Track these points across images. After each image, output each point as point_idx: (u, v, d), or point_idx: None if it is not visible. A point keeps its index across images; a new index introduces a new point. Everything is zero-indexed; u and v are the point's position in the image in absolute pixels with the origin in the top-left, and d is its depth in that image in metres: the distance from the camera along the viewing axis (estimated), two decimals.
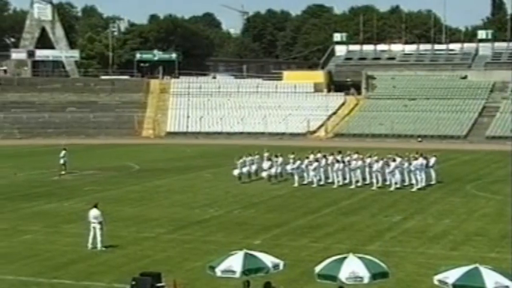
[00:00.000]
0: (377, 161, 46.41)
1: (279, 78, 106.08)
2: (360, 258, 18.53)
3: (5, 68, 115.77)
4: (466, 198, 41.68)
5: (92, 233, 28.84)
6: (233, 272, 18.79)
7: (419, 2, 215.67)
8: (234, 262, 18.95)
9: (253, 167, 49.50)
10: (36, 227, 33.63)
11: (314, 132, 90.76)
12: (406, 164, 46.04)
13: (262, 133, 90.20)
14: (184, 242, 30.25)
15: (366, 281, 17.97)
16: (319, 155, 48.43)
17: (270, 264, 19.21)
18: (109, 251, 28.47)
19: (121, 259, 27.38)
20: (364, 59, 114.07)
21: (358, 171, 46.39)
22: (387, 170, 45.51)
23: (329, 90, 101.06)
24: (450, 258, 26.30)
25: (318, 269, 18.81)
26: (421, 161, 45.97)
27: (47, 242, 30.44)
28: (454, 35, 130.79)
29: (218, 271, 19.03)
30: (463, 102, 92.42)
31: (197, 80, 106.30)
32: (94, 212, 29.15)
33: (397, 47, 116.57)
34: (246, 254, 19.13)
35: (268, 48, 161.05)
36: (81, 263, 26.90)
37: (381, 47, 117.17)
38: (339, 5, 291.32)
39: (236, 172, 48.57)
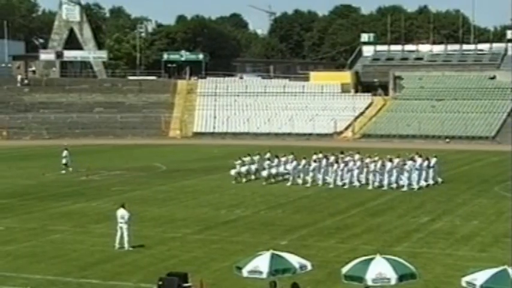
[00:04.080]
0: (374, 162, 46.57)
1: (306, 78, 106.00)
2: (387, 259, 18.42)
3: (33, 68, 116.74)
4: (494, 199, 41.33)
5: (119, 233, 28.94)
6: (260, 272, 18.76)
7: (447, 2, 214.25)
8: (261, 263, 18.91)
9: (253, 167, 49.52)
10: (64, 227, 33.81)
11: (341, 133, 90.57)
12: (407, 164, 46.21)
13: (289, 134, 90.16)
14: (211, 243, 30.26)
15: (393, 282, 17.86)
16: (320, 155, 48.73)
17: (297, 265, 19.16)
18: (136, 251, 28.54)
19: (148, 259, 27.44)
20: (391, 59, 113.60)
21: (356, 172, 46.51)
22: (387, 169, 45.82)
23: (356, 91, 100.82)
24: (478, 260, 26.09)
25: (344, 270, 18.73)
26: (419, 161, 46.18)
27: (75, 242, 30.58)
28: (482, 35, 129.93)
29: (245, 271, 19.00)
30: (491, 103, 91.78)
31: (224, 80, 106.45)
32: (121, 212, 29.24)
33: (424, 47, 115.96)
34: (273, 255, 19.09)
35: (295, 48, 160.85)
36: (109, 262, 27.00)
37: (409, 47, 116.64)
38: (366, 5, 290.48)
39: (233, 172, 48.74)
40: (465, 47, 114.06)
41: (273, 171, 48.69)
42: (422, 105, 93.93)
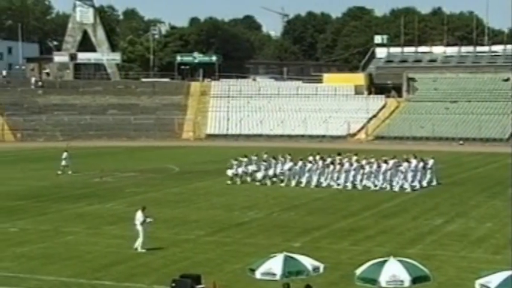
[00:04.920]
0: (370, 163, 46.67)
1: (319, 80, 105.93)
2: (400, 261, 18.40)
3: (47, 71, 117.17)
4: (508, 201, 41.14)
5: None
6: (273, 274, 18.77)
7: (461, 3, 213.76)
8: (274, 265, 18.92)
9: (250, 168, 49.56)
10: (78, 229, 33.90)
11: (354, 134, 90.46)
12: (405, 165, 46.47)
13: (302, 136, 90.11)
14: (224, 244, 30.27)
15: (406, 284, 17.83)
16: (317, 157, 48.99)
17: (310, 267, 19.15)
18: (149, 252, 28.58)
19: (161, 261, 27.48)
20: (405, 61, 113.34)
21: (352, 173, 46.62)
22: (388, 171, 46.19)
23: (369, 93, 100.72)
24: (492, 262, 25.99)
25: (358, 272, 18.71)
26: (414, 163, 46.43)
27: (89, 243, 30.65)
28: (496, 37, 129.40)
29: (258, 273, 19.01)
30: (505, 105, 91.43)
31: (237, 82, 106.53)
32: (137, 214, 29.27)
33: (438, 49, 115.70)
34: (286, 257, 19.10)
35: (308, 50, 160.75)
36: (122, 264, 27.05)
37: (422, 49, 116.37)
38: (379, 7, 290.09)
39: (230, 172, 48.84)
40: (479, 48, 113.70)
41: (270, 172, 48.89)
42: (436, 107, 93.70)
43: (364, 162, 47.29)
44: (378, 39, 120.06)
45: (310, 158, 48.86)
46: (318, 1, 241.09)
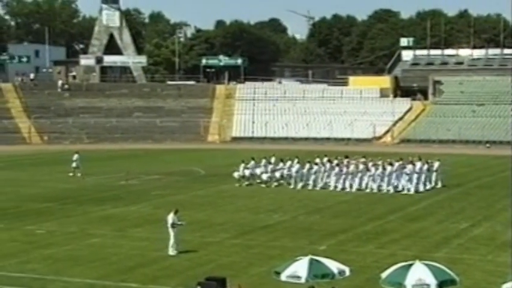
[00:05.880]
0: (375, 166, 46.62)
1: (345, 83, 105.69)
2: (426, 265, 18.31)
3: (74, 73, 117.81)
4: None
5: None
6: (298, 277, 18.76)
7: (488, 5, 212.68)
8: (300, 267, 18.91)
9: (257, 170, 49.69)
10: (104, 231, 34.04)
11: (380, 137, 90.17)
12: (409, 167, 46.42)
13: (328, 138, 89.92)
14: (249, 247, 30.27)
15: None
16: (325, 159, 49.23)
17: (335, 270, 19.12)
18: (175, 255, 28.63)
19: (186, 263, 27.52)
20: (431, 64, 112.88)
21: (358, 176, 46.76)
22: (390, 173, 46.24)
23: (395, 96, 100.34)
24: None
25: (384, 275, 18.65)
26: (419, 165, 46.62)
27: (114, 246, 30.77)
28: None
29: (283, 276, 19.01)
30: None
31: (263, 85, 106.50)
32: (168, 217, 29.29)
33: (465, 52, 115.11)
34: (311, 260, 19.08)
35: (334, 53, 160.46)
36: (147, 267, 27.12)
37: (449, 51, 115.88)
38: (405, 10, 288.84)
39: (236, 174, 48.93)
40: (506, 51, 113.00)
41: (277, 174, 49.15)
42: (463, 110, 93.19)
43: (370, 164, 47.34)
44: (403, 41, 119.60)
45: (317, 161, 49.13)
46: (343, 4, 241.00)
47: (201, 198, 44.39)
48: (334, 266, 19.33)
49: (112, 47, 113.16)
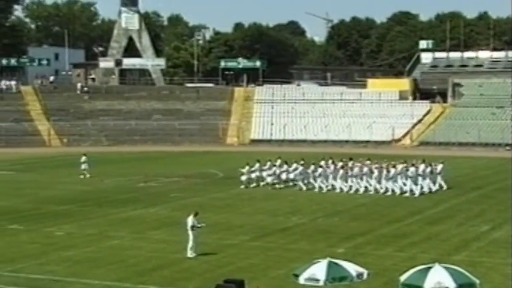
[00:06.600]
0: (377, 168, 46.67)
1: (364, 86, 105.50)
2: (445, 268, 18.24)
3: (93, 76, 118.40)
4: None
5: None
6: (317, 280, 18.73)
7: (508, 7, 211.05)
8: (318, 270, 18.89)
9: (264, 173, 49.91)
10: (123, 233, 34.15)
11: (399, 140, 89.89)
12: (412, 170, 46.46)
13: (346, 141, 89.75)
14: (268, 250, 30.26)
15: None
16: (329, 161, 49.41)
17: (353, 273, 19.08)
18: (193, 257, 28.67)
19: (205, 266, 27.56)
20: (450, 66, 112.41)
21: (364, 178, 46.78)
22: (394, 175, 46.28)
23: (414, 98, 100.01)
24: None
25: (402, 278, 18.59)
26: (422, 167, 46.57)
27: (133, 248, 30.86)
28: None
29: (302, 279, 18.99)
30: None
31: (281, 87, 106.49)
32: (188, 219, 29.30)
33: (484, 54, 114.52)
34: (329, 262, 19.05)
35: (352, 56, 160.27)
36: (166, 269, 27.18)
37: (468, 54, 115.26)
38: (425, 12, 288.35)
39: (244, 178, 49.28)
40: None
41: (283, 176, 49.38)
42: (482, 112, 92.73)
43: (374, 167, 47.34)
44: (423, 44, 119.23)
45: (322, 163, 49.17)
46: (362, 6, 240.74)
47: (220, 201, 44.44)
48: (352, 268, 19.30)
49: (131, 50, 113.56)
